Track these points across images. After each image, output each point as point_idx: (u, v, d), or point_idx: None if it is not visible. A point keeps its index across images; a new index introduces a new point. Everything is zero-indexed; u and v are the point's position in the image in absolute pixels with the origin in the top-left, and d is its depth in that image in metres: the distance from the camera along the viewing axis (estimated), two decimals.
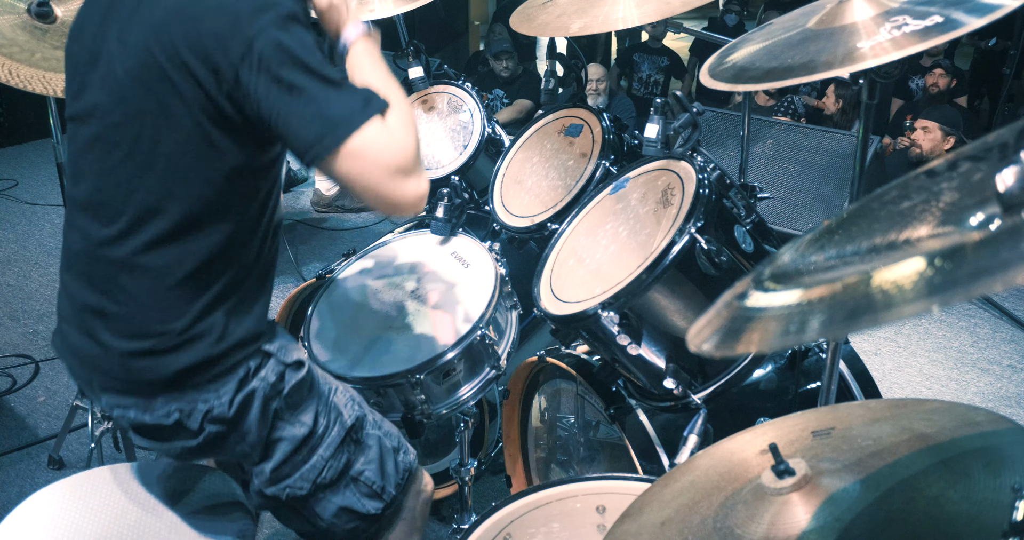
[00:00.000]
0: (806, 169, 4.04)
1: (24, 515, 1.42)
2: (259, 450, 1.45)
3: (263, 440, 1.44)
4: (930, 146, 4.30)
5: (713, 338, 0.65)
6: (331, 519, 1.54)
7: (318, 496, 1.52)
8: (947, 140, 4.27)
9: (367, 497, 1.57)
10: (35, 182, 5.46)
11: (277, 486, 1.48)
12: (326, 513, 1.53)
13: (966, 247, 0.52)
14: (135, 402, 1.36)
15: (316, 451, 1.50)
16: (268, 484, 1.47)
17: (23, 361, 3.35)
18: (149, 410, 1.36)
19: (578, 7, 1.86)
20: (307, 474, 1.49)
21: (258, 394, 1.41)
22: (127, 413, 1.37)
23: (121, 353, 1.34)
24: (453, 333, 1.88)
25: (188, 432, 1.37)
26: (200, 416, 1.36)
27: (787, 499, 0.85)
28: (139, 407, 1.36)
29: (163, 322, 1.33)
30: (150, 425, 1.37)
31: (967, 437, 0.86)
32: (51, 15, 2.09)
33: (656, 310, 1.61)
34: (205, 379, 1.36)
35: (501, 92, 5.57)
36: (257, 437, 1.43)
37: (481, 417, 2.34)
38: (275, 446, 1.46)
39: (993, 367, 3.24)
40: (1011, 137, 0.62)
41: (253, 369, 1.41)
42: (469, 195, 2.46)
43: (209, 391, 1.37)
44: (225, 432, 1.40)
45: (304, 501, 1.51)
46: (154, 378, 1.35)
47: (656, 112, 1.80)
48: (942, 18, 1.11)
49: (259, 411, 1.42)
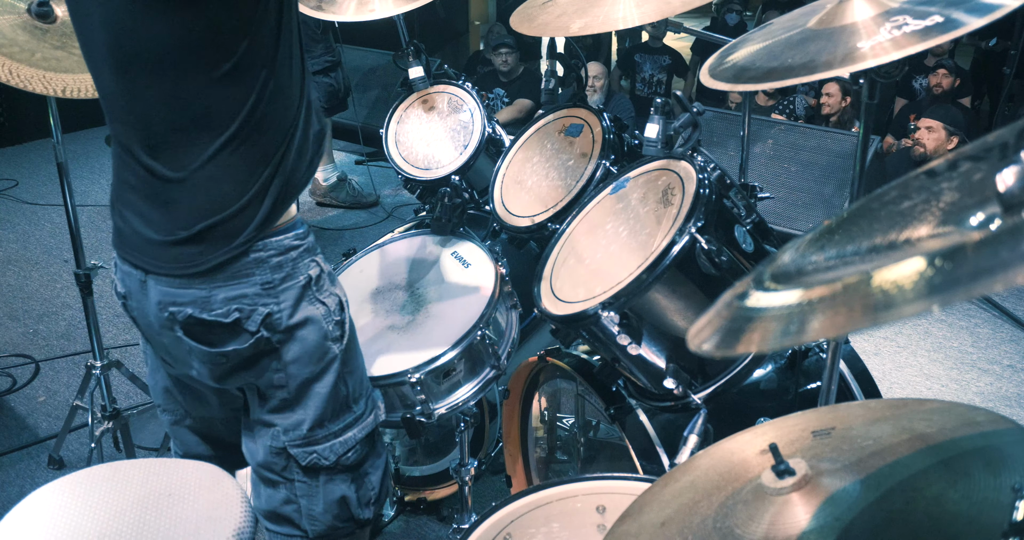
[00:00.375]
0: (806, 169, 4.04)
1: (24, 513, 1.42)
2: (295, 389, 1.46)
3: (307, 375, 1.46)
4: (934, 146, 4.30)
5: (713, 338, 0.65)
6: (325, 507, 1.55)
7: (332, 476, 1.54)
8: (951, 140, 4.27)
9: (363, 502, 1.58)
10: (35, 182, 5.46)
11: (305, 448, 1.50)
12: (327, 498, 1.55)
13: (966, 247, 0.52)
14: (193, 298, 1.37)
15: (351, 428, 1.53)
16: (298, 443, 1.49)
17: (23, 361, 3.35)
18: (208, 308, 1.37)
19: (578, 7, 1.86)
20: (337, 447, 1.51)
21: (317, 319, 1.44)
22: (184, 310, 1.38)
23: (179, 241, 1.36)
24: (453, 333, 1.88)
25: (245, 334, 1.39)
26: (260, 318, 1.39)
27: (787, 499, 0.85)
28: (197, 304, 1.37)
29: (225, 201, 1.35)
30: (208, 322, 1.38)
31: (967, 437, 0.86)
32: (51, 15, 2.09)
33: (656, 310, 1.61)
34: (266, 267, 1.38)
35: (502, 91, 5.58)
36: (302, 369, 1.45)
37: (481, 417, 2.35)
38: (309, 396, 1.47)
39: (993, 367, 3.24)
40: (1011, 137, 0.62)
41: (314, 280, 1.44)
42: (469, 195, 2.46)
43: (270, 296, 1.39)
44: (276, 345, 1.42)
45: (316, 474, 1.53)
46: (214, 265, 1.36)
47: (656, 112, 1.80)
48: (942, 18, 1.11)
49: (315, 340, 1.44)
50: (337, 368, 1.49)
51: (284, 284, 1.41)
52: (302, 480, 1.54)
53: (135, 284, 1.45)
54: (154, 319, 1.44)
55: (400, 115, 2.60)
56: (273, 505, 1.59)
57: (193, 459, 1.72)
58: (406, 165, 2.50)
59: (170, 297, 1.39)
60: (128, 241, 1.44)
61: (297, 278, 1.42)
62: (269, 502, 1.59)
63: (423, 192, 2.55)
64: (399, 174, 2.50)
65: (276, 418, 1.49)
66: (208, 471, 1.54)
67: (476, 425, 2.11)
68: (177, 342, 1.43)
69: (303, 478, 1.53)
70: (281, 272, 1.40)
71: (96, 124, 6.30)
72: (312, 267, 1.45)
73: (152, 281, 1.41)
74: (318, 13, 2.39)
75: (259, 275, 1.39)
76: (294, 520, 1.58)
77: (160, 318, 1.42)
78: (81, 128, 6.23)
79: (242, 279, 1.38)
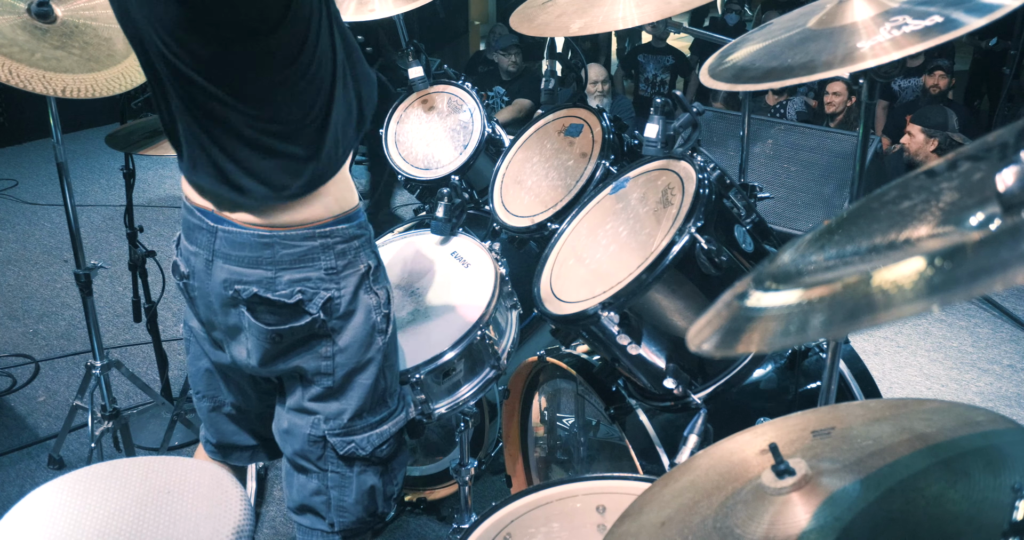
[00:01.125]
0: (806, 169, 4.04)
1: (24, 511, 1.42)
2: (340, 377, 1.50)
3: (353, 365, 1.50)
4: (915, 149, 4.31)
5: (713, 338, 0.65)
6: (356, 497, 1.58)
7: (366, 467, 1.57)
8: (930, 142, 4.27)
9: (388, 496, 1.62)
10: (35, 182, 5.46)
11: (344, 438, 1.53)
12: (360, 488, 1.58)
13: (966, 247, 0.52)
14: (259, 278, 1.43)
15: (386, 422, 1.57)
16: (338, 432, 1.53)
17: (23, 361, 3.35)
18: (272, 288, 1.43)
19: (578, 7, 1.86)
20: (374, 439, 1.56)
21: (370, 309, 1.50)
22: (248, 288, 1.43)
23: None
24: (453, 333, 1.88)
25: (305, 315, 1.44)
26: (321, 302, 1.44)
27: (787, 499, 0.85)
28: (262, 284, 1.43)
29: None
30: (271, 301, 1.43)
31: (967, 437, 0.86)
32: (51, 15, 2.09)
33: (656, 310, 1.61)
34: (332, 254, 1.43)
35: (502, 90, 5.58)
36: (350, 357, 1.49)
37: (481, 417, 2.35)
38: (352, 386, 1.51)
39: (993, 367, 3.24)
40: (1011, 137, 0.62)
41: (372, 270, 1.49)
42: (469, 195, 2.46)
43: (332, 281, 1.45)
44: (330, 331, 1.47)
45: (351, 465, 1.56)
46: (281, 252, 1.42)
47: (656, 112, 1.80)
48: (942, 18, 1.11)
49: (366, 330, 1.49)
50: (380, 361, 1.54)
51: (346, 271, 1.46)
52: (336, 470, 1.57)
53: (201, 263, 1.49)
54: (215, 298, 1.48)
55: (400, 115, 2.60)
56: (303, 496, 1.61)
57: (227, 449, 1.76)
58: (406, 165, 2.50)
59: (236, 276, 1.44)
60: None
61: (357, 266, 1.48)
62: (300, 493, 1.62)
63: (423, 192, 2.55)
64: (399, 174, 2.50)
65: (318, 406, 1.53)
66: (208, 469, 1.54)
67: (476, 425, 2.11)
68: (239, 318, 1.48)
69: (338, 468, 1.57)
70: (344, 259, 1.46)
71: (96, 124, 6.30)
72: (371, 258, 1.51)
73: (220, 261, 1.46)
74: None
75: (324, 260, 1.44)
76: (320, 512, 1.61)
77: (223, 296, 1.46)
78: (81, 128, 6.24)
79: (308, 263, 1.43)
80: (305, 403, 1.54)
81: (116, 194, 5.25)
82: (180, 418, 2.71)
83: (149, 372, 3.25)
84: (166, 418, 2.80)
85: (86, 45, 2.10)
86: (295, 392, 1.55)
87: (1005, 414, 0.92)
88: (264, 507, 2.54)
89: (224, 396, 1.69)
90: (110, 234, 4.67)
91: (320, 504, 1.60)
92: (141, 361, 3.37)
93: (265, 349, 1.48)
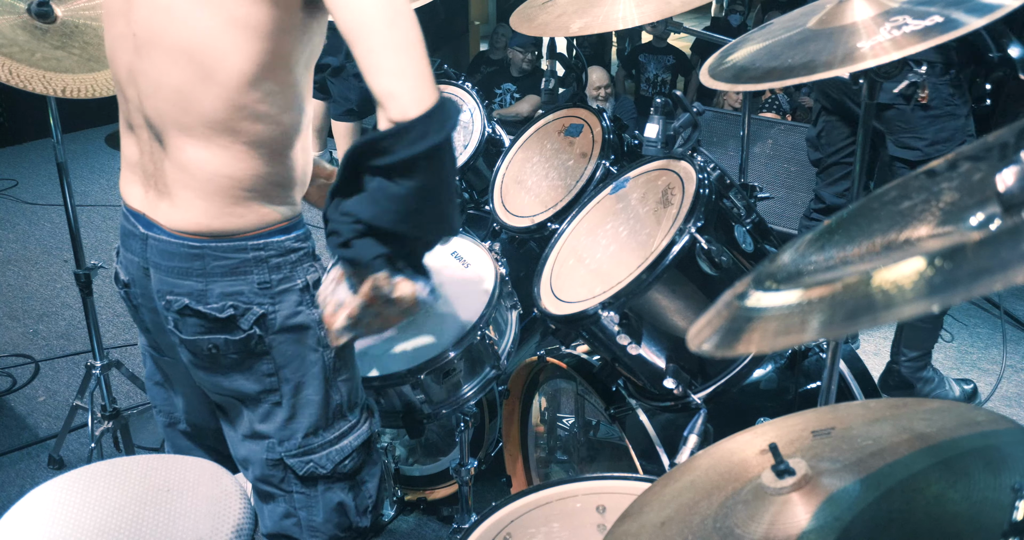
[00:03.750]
0: (806, 169, 4.03)
1: (24, 510, 1.42)
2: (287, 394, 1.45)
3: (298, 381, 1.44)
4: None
5: (713, 338, 0.65)
6: (325, 516, 1.54)
7: (330, 484, 1.52)
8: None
9: (361, 510, 1.58)
10: (35, 182, 5.46)
11: (302, 458, 1.49)
12: (327, 506, 1.54)
13: (966, 247, 0.53)
14: (190, 290, 1.37)
15: (347, 437, 1.51)
16: (294, 453, 1.48)
17: (23, 361, 3.35)
18: (203, 301, 1.37)
19: (578, 7, 1.86)
20: (333, 456, 1.50)
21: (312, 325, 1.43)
22: (180, 299, 1.38)
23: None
24: (453, 333, 1.88)
25: (237, 329, 1.39)
26: (254, 318, 1.38)
27: (787, 499, 0.85)
28: (193, 296, 1.37)
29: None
30: (203, 314, 1.38)
31: (967, 437, 0.86)
32: (51, 15, 2.09)
33: (656, 310, 1.61)
34: (264, 269, 1.37)
35: (512, 86, 5.58)
36: (294, 373, 1.43)
37: (481, 417, 2.35)
38: (301, 403, 1.46)
39: (993, 367, 3.24)
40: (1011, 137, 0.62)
41: (311, 285, 1.42)
42: (469, 195, 2.46)
43: (265, 296, 1.38)
44: (267, 348, 1.41)
45: (314, 484, 1.52)
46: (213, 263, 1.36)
47: (656, 112, 1.80)
48: (942, 18, 1.11)
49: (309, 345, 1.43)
50: (330, 376, 1.47)
51: (281, 286, 1.40)
52: (300, 491, 1.53)
53: (138, 271, 1.45)
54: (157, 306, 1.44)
55: None
56: (274, 522, 1.57)
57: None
58: None
59: (168, 286, 1.39)
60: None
61: (295, 281, 1.41)
62: (271, 519, 1.57)
63: None
64: None
65: (269, 428, 1.48)
66: (207, 467, 1.54)
67: (476, 425, 2.11)
68: (172, 330, 1.43)
69: (301, 489, 1.52)
70: (279, 273, 1.39)
71: (96, 124, 6.30)
72: (311, 271, 1.43)
73: (152, 270, 1.41)
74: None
75: (257, 274, 1.38)
76: (294, 535, 1.57)
77: (159, 306, 1.42)
78: (81, 128, 6.24)
79: (240, 276, 1.37)
80: (256, 427, 1.49)
81: (116, 194, 5.25)
82: None
83: None
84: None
85: (86, 45, 2.10)
86: (242, 418, 1.50)
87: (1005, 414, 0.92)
88: None
89: (178, 412, 1.65)
90: (110, 234, 4.66)
91: (292, 527, 1.56)
92: (141, 361, 3.37)
93: (200, 361, 1.43)
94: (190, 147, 1.31)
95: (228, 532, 1.39)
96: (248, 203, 1.35)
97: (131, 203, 1.44)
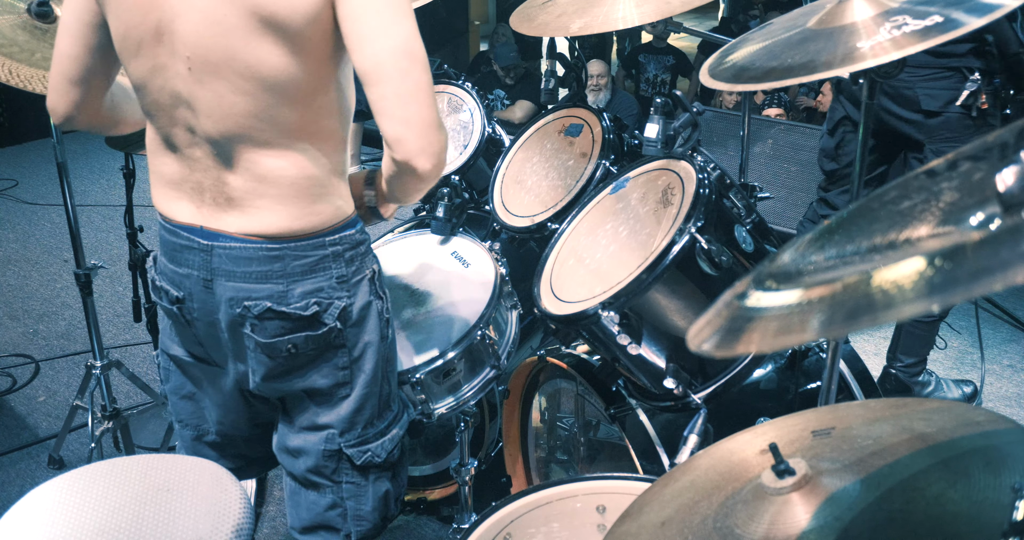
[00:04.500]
0: (806, 169, 4.04)
1: (24, 510, 1.42)
2: (358, 386, 1.49)
3: (368, 372, 1.49)
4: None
5: (713, 338, 0.65)
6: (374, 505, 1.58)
7: (380, 473, 1.57)
8: None
9: (397, 498, 1.63)
10: (35, 182, 5.46)
11: (360, 447, 1.53)
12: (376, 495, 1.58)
13: (966, 247, 0.53)
14: (270, 293, 1.40)
15: (394, 426, 1.57)
16: (353, 443, 1.52)
17: (23, 361, 3.35)
18: (285, 302, 1.40)
19: (578, 7, 1.86)
20: (387, 444, 1.55)
21: (378, 313, 1.50)
22: (260, 303, 1.40)
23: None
24: (453, 333, 1.88)
25: (322, 325, 1.43)
26: (337, 311, 1.43)
27: (787, 499, 0.85)
28: (274, 298, 1.40)
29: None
30: (286, 314, 1.41)
31: (967, 437, 0.86)
32: (51, 15, 2.09)
33: (656, 310, 1.61)
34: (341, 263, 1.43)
35: (502, 93, 5.58)
36: (365, 364, 1.48)
37: (481, 417, 2.34)
38: (367, 394, 1.51)
39: (993, 367, 3.24)
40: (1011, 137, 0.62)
41: (377, 273, 1.50)
42: (469, 195, 2.46)
43: (343, 290, 1.43)
44: (345, 340, 1.46)
45: (366, 473, 1.56)
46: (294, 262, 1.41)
47: (656, 112, 1.80)
48: (942, 18, 1.11)
49: (377, 335, 1.49)
50: (383, 365, 1.53)
51: (355, 277, 1.46)
52: (351, 481, 1.56)
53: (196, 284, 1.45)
54: (223, 316, 1.44)
55: None
56: (314, 514, 1.59)
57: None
58: None
59: (244, 293, 1.41)
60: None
61: (364, 272, 1.48)
62: (311, 511, 1.59)
63: None
64: None
65: (333, 419, 1.51)
66: (207, 467, 1.54)
67: (476, 425, 2.11)
68: (247, 336, 1.44)
69: (353, 478, 1.56)
70: (353, 265, 1.45)
71: None
72: (375, 261, 1.51)
73: (222, 279, 1.42)
74: None
75: (336, 269, 1.43)
76: (335, 525, 1.59)
77: (231, 314, 1.43)
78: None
79: (320, 273, 1.42)
80: (318, 419, 1.51)
81: (116, 194, 5.25)
82: None
83: (149, 372, 3.25)
84: (166, 418, 2.80)
85: None
86: (304, 411, 1.52)
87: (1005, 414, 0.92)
88: (264, 506, 2.54)
89: (208, 424, 1.66)
90: (110, 234, 4.67)
91: (335, 517, 1.58)
92: (141, 361, 3.37)
93: (275, 364, 1.45)
94: (268, 159, 1.35)
95: (228, 532, 1.39)
96: (325, 199, 1.41)
97: (179, 218, 1.44)
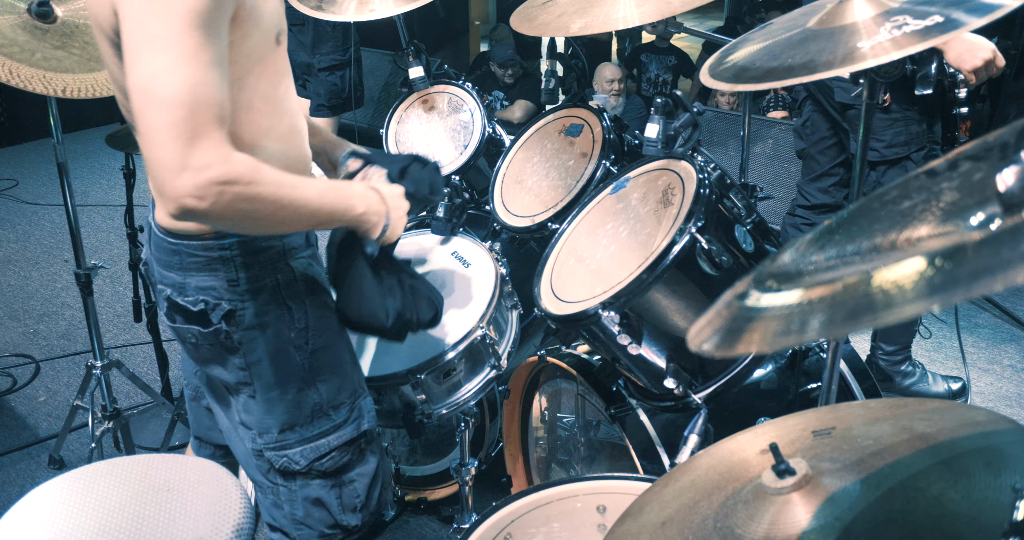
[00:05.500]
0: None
1: (24, 510, 1.43)
2: (259, 390, 1.46)
3: (270, 379, 1.46)
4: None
5: (713, 338, 0.65)
6: (305, 510, 1.56)
7: (308, 480, 1.53)
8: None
9: (348, 508, 1.58)
10: (35, 182, 5.46)
11: (277, 452, 1.50)
12: (305, 500, 1.55)
13: (966, 247, 0.53)
14: (172, 282, 1.42)
15: (327, 436, 1.52)
16: (271, 447, 1.50)
17: (23, 361, 3.35)
18: (182, 294, 1.41)
19: (578, 7, 1.86)
20: (308, 453, 1.51)
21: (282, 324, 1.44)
22: (165, 290, 1.43)
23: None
24: (453, 333, 1.88)
25: (208, 322, 1.42)
26: (222, 313, 1.41)
27: (787, 499, 0.85)
28: (175, 288, 1.42)
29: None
30: (180, 306, 1.42)
31: (967, 437, 0.86)
32: (51, 15, 2.09)
33: (656, 310, 1.61)
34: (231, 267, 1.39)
35: (501, 94, 5.58)
36: (265, 371, 1.45)
37: (481, 417, 2.34)
38: (275, 401, 1.47)
39: (993, 367, 3.24)
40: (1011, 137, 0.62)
41: (285, 283, 1.44)
42: (469, 195, 2.46)
43: (233, 293, 1.40)
44: (237, 344, 1.43)
45: (292, 478, 1.53)
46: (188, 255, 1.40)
47: (656, 112, 1.80)
48: (942, 18, 1.11)
49: (278, 345, 1.45)
50: (306, 376, 1.48)
51: (250, 284, 1.41)
52: (282, 484, 1.54)
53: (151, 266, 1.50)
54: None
55: (400, 115, 2.60)
56: (266, 512, 1.60)
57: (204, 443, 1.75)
58: None
59: (159, 277, 1.45)
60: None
61: (264, 281, 1.42)
62: (266, 509, 1.60)
63: None
64: None
65: (250, 420, 1.50)
66: (207, 467, 1.54)
67: (476, 425, 2.11)
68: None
69: (282, 482, 1.54)
70: (249, 271, 1.40)
71: (96, 124, 6.30)
72: (283, 271, 1.44)
73: (154, 262, 1.47)
74: (318, 13, 2.39)
75: (225, 272, 1.40)
76: (286, 529, 1.59)
77: (160, 296, 1.48)
78: (81, 128, 6.23)
79: (211, 272, 1.40)
80: (241, 416, 1.51)
81: (116, 194, 5.25)
82: (180, 418, 2.70)
83: (149, 372, 3.25)
84: (166, 418, 2.80)
85: (86, 45, 2.10)
86: (231, 406, 1.53)
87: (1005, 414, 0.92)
88: None
89: (203, 389, 1.67)
90: (110, 234, 4.67)
91: (283, 518, 1.58)
92: (141, 361, 3.37)
93: (189, 349, 1.48)
94: None
95: (228, 532, 1.39)
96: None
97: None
